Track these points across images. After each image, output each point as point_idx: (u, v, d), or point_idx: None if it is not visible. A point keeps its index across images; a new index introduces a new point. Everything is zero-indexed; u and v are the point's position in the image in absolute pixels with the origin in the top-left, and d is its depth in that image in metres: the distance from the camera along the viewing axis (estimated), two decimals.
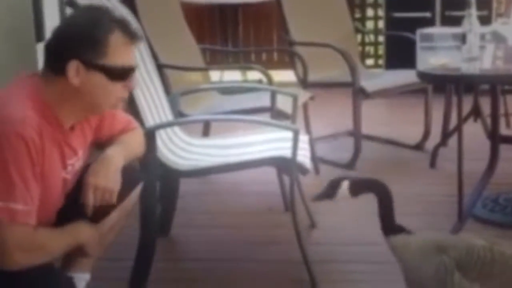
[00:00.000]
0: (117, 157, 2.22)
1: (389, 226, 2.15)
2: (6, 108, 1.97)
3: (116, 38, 2.05)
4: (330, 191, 2.19)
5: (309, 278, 2.84)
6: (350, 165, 4.22)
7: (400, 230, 2.15)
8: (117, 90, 2.10)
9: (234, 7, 6.32)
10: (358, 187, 2.21)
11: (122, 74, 2.09)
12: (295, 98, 3.52)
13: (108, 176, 2.15)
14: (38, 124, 1.97)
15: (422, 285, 2.07)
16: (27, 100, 2.01)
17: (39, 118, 1.99)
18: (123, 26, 2.08)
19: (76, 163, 2.17)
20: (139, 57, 3.11)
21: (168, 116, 3.19)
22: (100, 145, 2.34)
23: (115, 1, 3.24)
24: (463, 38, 3.17)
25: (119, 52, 2.06)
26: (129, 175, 2.32)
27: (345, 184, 2.19)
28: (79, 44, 2.02)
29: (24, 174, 1.93)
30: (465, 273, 1.99)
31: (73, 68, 2.02)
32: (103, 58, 2.03)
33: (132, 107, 2.90)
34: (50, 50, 2.07)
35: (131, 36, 2.09)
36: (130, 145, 2.33)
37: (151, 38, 3.48)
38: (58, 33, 2.07)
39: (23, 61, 3.84)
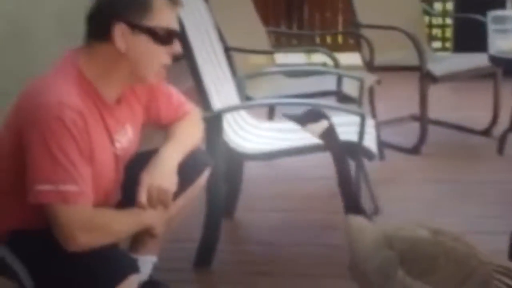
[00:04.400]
0: (173, 156, 2.18)
1: (351, 205, 2.08)
2: (45, 93, 1.96)
3: (160, 1, 2.03)
4: (305, 119, 2.12)
5: None
6: (416, 150, 4.17)
7: (360, 211, 2.10)
8: (161, 55, 2.07)
9: None
10: (330, 137, 2.12)
11: (167, 37, 2.06)
12: (361, 82, 3.49)
13: (163, 176, 2.12)
14: (77, 103, 1.95)
15: (365, 277, 2.04)
16: (67, 79, 1.99)
17: (80, 95, 1.98)
18: None
19: (123, 138, 2.15)
20: (207, 39, 3.12)
21: (235, 99, 3.19)
22: (160, 128, 2.33)
23: None
24: None
25: (163, 14, 2.04)
26: (197, 160, 2.33)
27: (323, 124, 2.10)
28: (124, 6, 2.00)
29: (70, 155, 1.92)
30: (409, 269, 1.97)
31: (119, 31, 2.00)
32: (149, 20, 2.02)
33: (200, 89, 2.92)
34: (94, 17, 2.04)
35: (174, 0, 2.07)
36: (187, 139, 2.29)
37: (219, 21, 3.48)
38: None
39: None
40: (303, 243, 3.16)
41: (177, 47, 2.10)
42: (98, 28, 2.03)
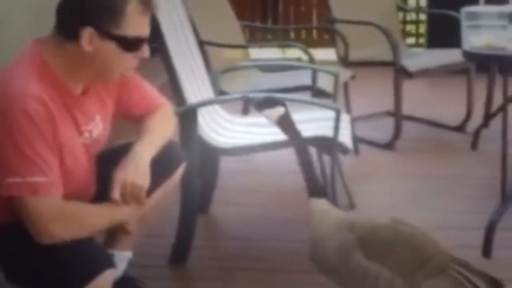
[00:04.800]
0: (146, 152, 2.17)
1: (313, 188, 2.17)
2: (8, 84, 1.94)
3: (133, 8, 2.00)
4: (262, 105, 2.17)
5: None
6: (390, 145, 4.19)
7: (323, 193, 2.19)
8: (128, 60, 2.06)
9: None
10: (285, 123, 2.16)
11: (136, 44, 2.04)
12: (336, 77, 3.49)
13: (137, 172, 2.10)
14: (41, 94, 1.93)
15: (324, 258, 2.13)
16: (31, 70, 1.97)
17: (44, 86, 1.96)
18: None
19: (94, 129, 2.13)
20: (181, 34, 3.10)
21: (210, 93, 3.18)
22: (131, 120, 2.32)
23: None
24: (509, 17, 3.10)
25: (134, 23, 2.01)
26: (171, 154, 2.32)
27: (279, 111, 2.16)
28: (95, 11, 1.98)
29: (36, 147, 1.91)
30: (367, 252, 2.05)
31: (87, 35, 1.98)
32: (119, 28, 1.99)
33: (174, 84, 2.90)
34: (63, 14, 2.01)
35: (148, 6, 2.04)
36: (160, 133, 2.27)
37: (193, 14, 3.46)
38: None
39: None
40: (279, 238, 3.15)
41: (145, 52, 2.08)
42: (67, 28, 2.01)
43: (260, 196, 3.60)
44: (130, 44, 2.02)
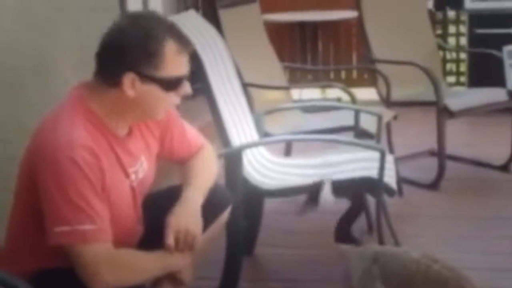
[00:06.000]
0: (197, 197, 2.18)
1: (343, 235, 2.16)
2: (55, 132, 1.96)
3: (170, 49, 2.01)
4: (313, 198, 2.18)
5: None
6: (434, 185, 4.14)
7: (352, 240, 2.17)
8: (170, 98, 2.08)
9: (314, 25, 6.31)
10: (341, 188, 2.18)
11: (177, 83, 2.06)
12: (379, 118, 3.48)
13: (190, 218, 2.11)
14: (88, 140, 1.96)
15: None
16: (75, 115, 2.00)
17: (90, 131, 1.98)
18: (176, 34, 2.04)
19: (139, 169, 2.14)
20: (225, 76, 3.13)
21: (254, 135, 3.19)
22: (173, 161, 2.33)
23: (200, 19, 3.27)
24: None
25: (173, 63, 2.03)
26: (218, 198, 2.32)
27: (327, 186, 2.17)
28: (134, 56, 2.00)
29: (84, 194, 1.92)
30: (388, 281, 2.06)
31: (129, 80, 2.00)
32: (158, 70, 2.01)
33: (219, 125, 2.92)
34: (103, 60, 2.04)
35: (184, 45, 2.06)
36: (207, 178, 2.29)
37: (235, 56, 3.49)
38: (111, 43, 2.02)
39: None
40: (324, 279, 3.12)
41: (186, 88, 2.10)
42: (108, 74, 2.03)
43: (304, 237, 3.57)
44: (171, 84, 2.05)
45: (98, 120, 2.03)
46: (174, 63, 2.04)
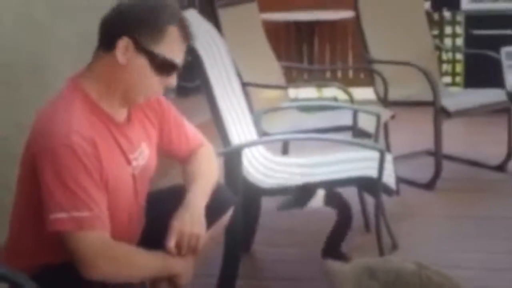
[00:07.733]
0: (200, 200, 2.17)
1: (331, 250, 2.12)
2: (53, 121, 1.97)
3: (172, 31, 2.03)
4: (301, 199, 2.16)
5: None
6: (431, 185, 4.15)
7: (340, 257, 2.17)
8: (155, 83, 2.07)
9: (310, 25, 6.32)
10: (333, 200, 2.16)
11: (166, 68, 2.05)
12: (378, 117, 3.49)
13: (194, 222, 2.10)
14: (86, 128, 1.96)
15: None
16: (73, 103, 2.00)
17: (89, 118, 1.99)
18: (183, 23, 2.07)
19: (139, 157, 2.13)
20: (225, 75, 3.13)
21: (253, 134, 3.19)
22: (170, 156, 2.32)
23: (200, 18, 3.27)
24: None
25: (170, 45, 2.04)
26: (221, 199, 2.31)
27: (320, 194, 2.15)
28: (138, 23, 2.01)
29: (80, 181, 1.92)
30: None
31: (123, 45, 2.00)
32: (155, 45, 2.01)
33: (218, 124, 2.92)
34: (105, 26, 2.05)
35: (187, 35, 2.07)
36: (209, 178, 2.28)
37: (234, 56, 3.50)
38: (120, 8, 2.05)
39: None
40: (318, 278, 3.10)
41: (172, 80, 2.09)
42: (106, 38, 2.04)
43: (301, 236, 3.58)
44: (161, 66, 2.04)
45: (95, 105, 2.03)
46: (171, 46, 2.04)
